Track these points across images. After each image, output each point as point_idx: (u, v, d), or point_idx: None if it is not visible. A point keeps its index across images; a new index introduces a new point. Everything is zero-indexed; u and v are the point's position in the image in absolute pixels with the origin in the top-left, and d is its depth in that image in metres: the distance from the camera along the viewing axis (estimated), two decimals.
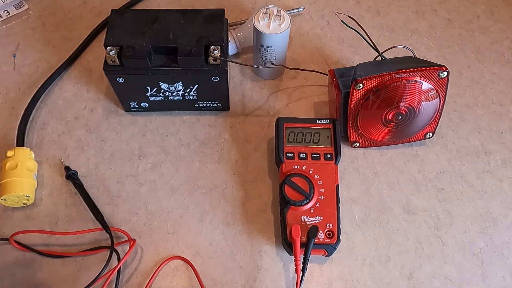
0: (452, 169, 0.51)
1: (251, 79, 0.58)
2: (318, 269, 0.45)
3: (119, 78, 0.47)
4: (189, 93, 0.51)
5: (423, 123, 0.49)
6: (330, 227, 0.43)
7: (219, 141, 0.53)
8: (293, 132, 0.48)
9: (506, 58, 0.60)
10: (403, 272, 0.45)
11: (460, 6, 0.65)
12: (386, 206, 0.49)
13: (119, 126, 0.54)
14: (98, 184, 0.50)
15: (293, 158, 0.47)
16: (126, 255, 0.44)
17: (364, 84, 0.45)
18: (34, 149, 0.51)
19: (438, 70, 0.45)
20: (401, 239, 0.47)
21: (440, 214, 0.48)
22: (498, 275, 0.45)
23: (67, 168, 0.50)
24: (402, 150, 0.52)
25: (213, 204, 0.49)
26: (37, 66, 0.58)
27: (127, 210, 0.48)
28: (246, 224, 0.48)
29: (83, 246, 0.46)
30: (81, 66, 0.58)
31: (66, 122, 0.54)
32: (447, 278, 0.45)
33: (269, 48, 0.51)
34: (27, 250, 0.45)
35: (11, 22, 0.62)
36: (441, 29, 0.63)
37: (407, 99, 0.46)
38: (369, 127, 0.49)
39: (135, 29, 0.47)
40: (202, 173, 0.51)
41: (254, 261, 0.46)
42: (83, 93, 0.56)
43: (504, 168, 0.51)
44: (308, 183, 0.44)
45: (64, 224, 0.47)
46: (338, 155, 0.47)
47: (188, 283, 0.44)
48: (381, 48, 0.51)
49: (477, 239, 0.47)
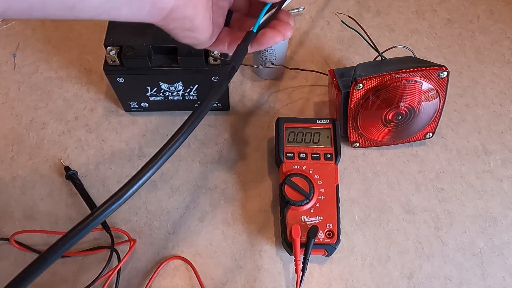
0: (452, 169, 0.51)
1: (251, 79, 0.58)
2: (318, 269, 0.45)
3: (119, 78, 0.47)
4: (189, 93, 0.51)
5: (423, 123, 0.49)
6: (330, 227, 0.43)
7: (219, 141, 0.53)
8: (293, 132, 0.48)
9: (506, 58, 0.60)
10: (403, 272, 0.45)
11: (460, 6, 0.65)
12: (386, 206, 0.49)
13: (119, 126, 0.54)
14: (98, 184, 0.50)
15: (293, 158, 0.47)
16: (126, 255, 0.44)
17: (364, 84, 0.45)
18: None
19: (438, 70, 0.45)
20: (401, 239, 0.47)
21: (440, 214, 0.48)
22: (498, 275, 0.45)
23: (67, 168, 0.50)
24: (402, 150, 0.52)
25: (213, 204, 0.49)
26: (37, 66, 0.58)
27: (127, 210, 0.48)
28: (246, 224, 0.48)
29: (83, 246, 0.46)
30: (81, 66, 0.58)
31: (66, 122, 0.54)
32: (447, 278, 0.45)
33: (269, 48, 0.51)
34: (27, 250, 0.45)
35: (11, 22, 0.62)
36: (441, 29, 0.63)
37: (407, 99, 0.46)
38: (369, 127, 0.49)
39: (135, 29, 0.47)
40: (202, 173, 0.51)
41: (254, 261, 0.46)
42: (83, 93, 0.56)
43: (504, 168, 0.51)
44: (308, 183, 0.44)
45: (64, 224, 0.47)
46: (338, 155, 0.47)
47: (188, 283, 0.44)
48: (381, 48, 0.51)
49: (477, 239, 0.47)
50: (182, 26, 0.32)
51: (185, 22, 0.32)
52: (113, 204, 0.29)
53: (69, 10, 0.26)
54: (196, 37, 0.34)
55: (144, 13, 0.29)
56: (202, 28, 0.34)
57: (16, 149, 0.52)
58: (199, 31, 0.34)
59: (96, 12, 0.27)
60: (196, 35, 0.34)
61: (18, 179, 0.50)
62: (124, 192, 0.29)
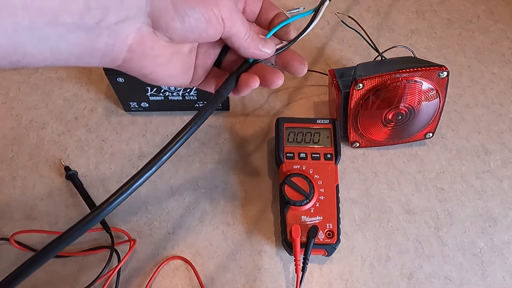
0: (452, 169, 0.51)
1: None
2: (318, 269, 0.45)
3: (119, 78, 0.47)
4: (189, 93, 0.51)
5: (423, 123, 0.49)
6: (330, 227, 0.43)
7: (219, 141, 0.53)
8: (293, 132, 0.48)
9: (506, 58, 0.60)
10: (403, 272, 0.45)
11: (460, 6, 0.65)
12: (386, 206, 0.49)
13: (119, 126, 0.54)
14: (98, 184, 0.50)
15: (293, 158, 0.47)
16: (127, 255, 0.44)
17: (364, 84, 0.45)
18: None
19: (438, 70, 0.45)
20: (401, 239, 0.47)
21: (440, 214, 0.48)
22: (498, 275, 0.45)
23: (67, 168, 0.50)
24: (402, 150, 0.52)
25: (213, 204, 0.49)
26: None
27: (127, 210, 0.48)
28: (246, 224, 0.48)
29: (83, 246, 0.46)
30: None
31: (66, 122, 0.54)
32: (447, 278, 0.45)
33: None
34: (27, 250, 0.45)
35: None
36: (441, 29, 0.63)
37: (407, 99, 0.46)
38: (369, 127, 0.49)
39: None
40: (202, 173, 0.51)
41: (254, 261, 0.46)
42: (83, 93, 0.56)
43: (504, 168, 0.51)
44: (308, 183, 0.44)
45: (64, 224, 0.47)
46: (338, 155, 0.47)
47: (188, 283, 0.44)
48: (381, 48, 0.51)
49: (477, 239, 0.47)
50: (144, 76, 0.32)
51: (145, 72, 0.31)
52: (107, 208, 0.29)
53: (15, 64, 0.25)
54: (168, 84, 0.34)
55: (95, 62, 0.29)
56: (172, 76, 0.33)
57: (16, 149, 0.52)
58: (168, 79, 0.33)
59: (44, 63, 0.27)
60: (166, 82, 0.33)
61: (18, 179, 0.50)
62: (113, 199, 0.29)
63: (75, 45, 0.26)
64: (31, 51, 0.25)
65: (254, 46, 0.33)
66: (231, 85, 0.34)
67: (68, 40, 0.26)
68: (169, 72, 0.32)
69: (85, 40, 0.26)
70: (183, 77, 0.34)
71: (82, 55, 0.27)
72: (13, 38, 0.24)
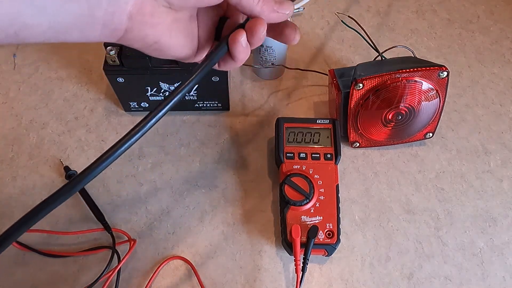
0: (452, 169, 0.51)
1: (251, 79, 0.58)
2: (318, 269, 0.45)
3: (119, 78, 0.47)
4: (189, 93, 0.51)
5: (423, 123, 0.49)
6: (330, 227, 0.43)
7: (219, 141, 0.53)
8: (293, 132, 0.48)
9: (506, 58, 0.60)
10: (403, 272, 0.45)
11: (460, 6, 0.65)
12: (386, 206, 0.49)
13: (119, 126, 0.54)
14: (98, 184, 0.50)
15: (293, 158, 0.47)
16: (127, 255, 0.44)
17: (364, 84, 0.45)
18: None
19: (438, 70, 0.45)
20: (401, 239, 0.47)
21: (440, 214, 0.48)
22: (498, 275, 0.45)
23: (67, 168, 0.50)
24: (402, 150, 0.52)
25: (213, 204, 0.49)
26: (37, 66, 0.58)
27: (127, 210, 0.48)
28: (246, 224, 0.48)
29: (83, 246, 0.46)
30: (81, 66, 0.58)
31: (66, 122, 0.54)
32: (447, 278, 0.45)
33: (269, 48, 0.51)
34: (27, 250, 0.45)
35: None
36: (441, 29, 0.63)
37: (407, 99, 0.46)
38: (369, 127, 0.49)
39: None
40: (202, 173, 0.51)
41: (254, 261, 0.46)
42: (83, 93, 0.56)
43: (504, 168, 0.51)
44: (308, 183, 0.44)
45: (64, 224, 0.47)
46: (338, 155, 0.47)
47: (188, 283, 0.44)
48: (381, 48, 0.51)
49: (477, 239, 0.47)
50: (148, 46, 0.31)
51: (148, 42, 0.30)
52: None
53: (12, 37, 0.25)
54: (172, 55, 0.33)
55: (96, 35, 0.28)
56: (175, 46, 0.32)
57: (16, 149, 0.52)
58: (171, 50, 0.32)
59: (43, 37, 0.26)
60: (170, 53, 0.32)
61: (18, 179, 0.50)
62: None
63: (75, 14, 0.26)
64: (29, 22, 0.24)
65: (269, 9, 0.30)
66: (222, 48, 0.32)
67: (67, 10, 0.25)
68: (172, 41, 0.31)
69: (84, 9, 0.26)
70: (188, 47, 0.33)
71: (82, 26, 0.27)
72: (9, 8, 0.23)
